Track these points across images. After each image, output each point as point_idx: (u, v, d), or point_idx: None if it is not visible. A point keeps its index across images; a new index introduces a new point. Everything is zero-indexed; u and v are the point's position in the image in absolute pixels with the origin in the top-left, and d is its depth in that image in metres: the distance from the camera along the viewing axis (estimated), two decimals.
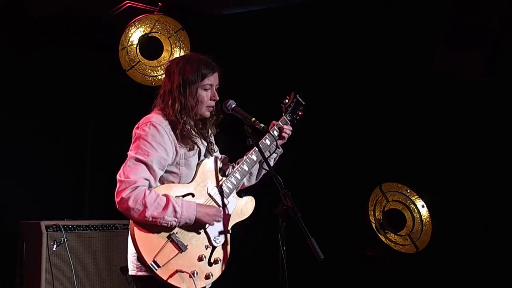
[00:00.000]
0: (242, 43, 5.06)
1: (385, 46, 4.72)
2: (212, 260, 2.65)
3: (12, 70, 4.76)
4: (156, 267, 2.45)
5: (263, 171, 3.07)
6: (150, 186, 2.55)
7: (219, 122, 2.89)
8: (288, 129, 3.05)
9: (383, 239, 4.76)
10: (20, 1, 4.71)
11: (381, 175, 4.81)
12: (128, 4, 4.94)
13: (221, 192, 2.75)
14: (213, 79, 2.75)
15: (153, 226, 2.50)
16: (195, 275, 2.54)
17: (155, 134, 2.58)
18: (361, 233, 4.86)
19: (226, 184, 2.77)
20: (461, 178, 4.41)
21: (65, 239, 4.10)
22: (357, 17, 4.77)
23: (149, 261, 2.45)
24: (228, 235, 2.75)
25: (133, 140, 2.63)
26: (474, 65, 4.21)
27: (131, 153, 2.57)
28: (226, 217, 2.76)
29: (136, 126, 2.66)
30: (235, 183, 2.81)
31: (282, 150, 3.04)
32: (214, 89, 2.77)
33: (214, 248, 2.67)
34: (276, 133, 3.00)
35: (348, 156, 4.92)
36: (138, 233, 2.49)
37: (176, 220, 2.50)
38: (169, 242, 2.53)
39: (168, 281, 2.47)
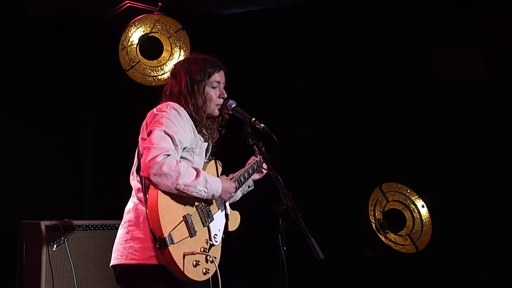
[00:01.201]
0: (242, 43, 5.06)
1: (385, 46, 4.72)
2: (208, 257, 2.62)
3: (12, 70, 4.76)
4: (170, 242, 2.38)
5: (247, 190, 3.12)
6: None
7: (224, 122, 2.90)
8: (265, 167, 3.06)
9: (383, 239, 4.76)
10: (20, 1, 4.71)
11: (381, 175, 4.81)
12: (128, 4, 4.94)
13: (218, 202, 2.79)
14: (219, 77, 2.78)
15: (175, 199, 2.48)
16: (198, 264, 2.50)
17: (176, 116, 2.59)
18: (361, 233, 4.87)
19: None
20: (461, 178, 4.42)
21: (65, 239, 4.10)
22: (357, 17, 4.77)
23: (166, 233, 2.38)
24: (221, 239, 2.76)
25: (150, 122, 2.58)
26: (474, 65, 4.22)
27: (156, 127, 2.51)
28: (223, 222, 2.80)
29: (154, 110, 2.63)
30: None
31: (253, 187, 3.12)
32: (222, 86, 2.80)
33: (211, 245, 2.67)
34: (255, 167, 3.06)
35: (348, 156, 4.92)
36: (162, 203, 2.42)
37: (206, 190, 2.51)
38: (183, 222, 2.50)
39: (177, 261, 2.40)
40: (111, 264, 2.61)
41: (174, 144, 2.50)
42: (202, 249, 2.56)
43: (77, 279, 4.13)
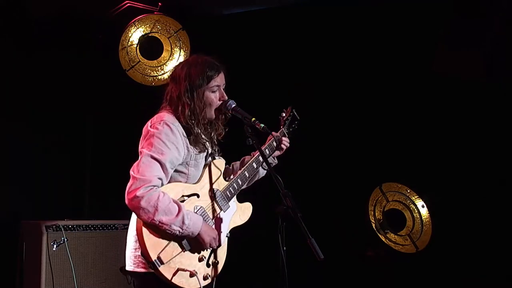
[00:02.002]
0: (242, 43, 5.06)
1: (385, 46, 4.71)
2: (210, 262, 2.67)
3: (12, 70, 4.75)
4: (160, 264, 2.45)
5: (256, 179, 3.09)
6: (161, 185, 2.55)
7: (227, 121, 2.89)
8: (286, 141, 3.09)
9: (383, 239, 4.76)
10: (20, 1, 4.71)
11: (381, 175, 4.80)
12: (128, 4, 4.94)
13: (224, 195, 2.79)
14: (219, 80, 2.76)
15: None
16: (195, 274, 2.55)
17: (168, 133, 2.58)
18: (361, 233, 4.86)
19: (228, 189, 2.81)
20: (461, 178, 4.41)
21: (65, 239, 4.10)
22: (357, 17, 4.77)
23: (153, 257, 2.45)
24: (226, 238, 2.78)
25: (145, 138, 2.61)
26: (474, 65, 4.21)
27: (145, 150, 2.54)
28: (226, 221, 2.79)
29: (148, 124, 2.64)
30: (236, 188, 2.84)
31: (277, 162, 3.08)
32: (222, 89, 2.78)
33: (212, 250, 2.69)
34: (274, 144, 3.04)
35: (348, 156, 4.92)
36: (146, 228, 2.48)
37: (180, 231, 2.50)
38: (173, 240, 2.53)
39: (169, 278, 2.48)
40: (127, 269, 2.65)
41: (162, 168, 2.52)
42: (199, 258, 2.61)
43: (77, 279, 4.13)
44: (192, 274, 2.54)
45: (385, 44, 4.71)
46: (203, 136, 2.74)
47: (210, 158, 2.83)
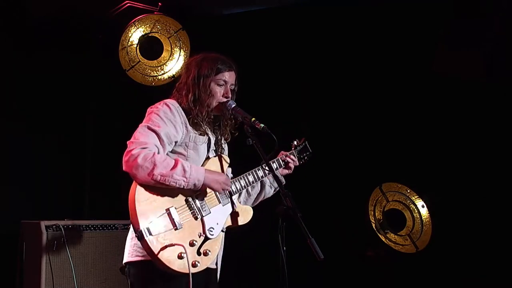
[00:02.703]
0: (242, 43, 5.05)
1: (385, 46, 4.71)
2: (201, 250, 2.60)
3: (12, 70, 4.76)
4: (148, 234, 2.42)
5: (262, 198, 3.09)
6: None
7: (237, 125, 2.91)
8: (294, 159, 3.10)
9: (383, 239, 4.76)
10: (20, 1, 4.71)
11: (381, 175, 4.80)
12: (128, 4, 4.94)
13: (218, 195, 2.77)
14: (228, 76, 2.82)
15: (155, 192, 2.51)
16: (183, 256, 2.48)
17: (167, 111, 2.66)
18: (361, 233, 4.86)
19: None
20: (461, 178, 4.41)
21: (65, 239, 4.10)
22: (357, 17, 4.77)
23: (142, 225, 2.42)
24: (222, 233, 2.75)
25: (145, 117, 2.69)
26: (474, 65, 4.21)
27: (142, 124, 2.62)
28: (224, 215, 2.77)
29: (150, 107, 2.74)
30: (238, 187, 2.84)
31: (284, 182, 3.02)
32: (228, 87, 2.83)
33: (206, 239, 2.65)
34: (282, 162, 3.06)
35: (348, 156, 4.92)
36: (139, 194, 2.47)
37: (185, 180, 2.51)
38: (166, 214, 2.52)
39: (156, 253, 2.42)
40: (124, 261, 2.66)
41: (158, 138, 2.57)
42: (190, 242, 2.55)
43: (77, 279, 4.12)
44: (180, 256, 2.47)
45: (385, 44, 4.70)
46: (203, 123, 2.77)
47: (213, 152, 2.83)
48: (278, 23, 4.99)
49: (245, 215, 2.89)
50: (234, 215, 2.83)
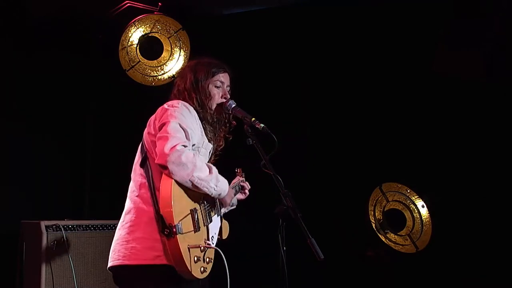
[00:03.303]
0: (242, 43, 5.06)
1: (385, 46, 4.71)
2: (205, 257, 2.62)
3: (12, 70, 4.76)
4: (179, 231, 2.38)
5: (230, 209, 3.06)
6: None
7: (232, 128, 2.93)
8: (248, 187, 3.08)
9: (383, 239, 4.76)
10: (20, 1, 4.71)
11: (381, 175, 4.80)
12: (128, 4, 4.94)
13: (217, 205, 2.80)
14: (223, 78, 2.84)
15: (187, 191, 2.51)
16: (198, 260, 2.49)
17: (187, 112, 2.65)
18: (361, 233, 4.86)
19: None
20: (461, 178, 4.41)
21: (65, 239, 4.10)
22: (357, 17, 4.77)
23: (176, 221, 2.38)
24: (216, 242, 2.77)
25: (161, 117, 2.60)
26: (474, 65, 4.21)
27: (170, 119, 2.53)
28: (220, 226, 2.82)
29: (165, 106, 2.66)
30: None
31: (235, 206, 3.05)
32: (225, 87, 2.85)
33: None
34: (237, 188, 3.03)
35: (348, 156, 4.92)
36: (176, 191, 2.44)
37: (215, 188, 2.54)
38: (190, 215, 2.51)
39: (183, 252, 2.39)
40: (110, 265, 2.59)
41: (187, 138, 2.53)
42: (201, 249, 2.55)
43: (77, 279, 4.13)
44: (197, 260, 2.47)
45: (385, 44, 4.70)
46: (210, 128, 2.79)
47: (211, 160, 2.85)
48: (278, 23, 4.99)
49: (226, 229, 2.92)
50: (221, 227, 2.86)
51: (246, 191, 3.08)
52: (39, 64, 4.93)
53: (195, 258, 2.47)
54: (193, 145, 2.61)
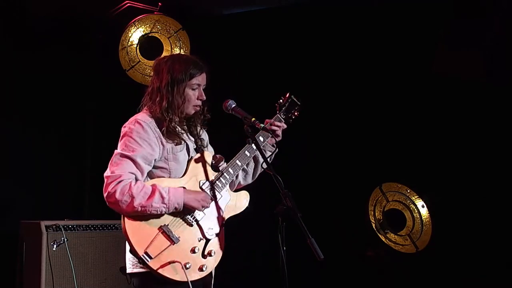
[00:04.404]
0: (242, 43, 5.06)
1: (385, 46, 4.72)
2: (206, 253, 2.64)
3: (12, 70, 4.76)
4: (148, 259, 2.46)
5: (260, 170, 3.06)
6: (137, 181, 2.57)
7: (206, 122, 2.91)
8: (278, 125, 2.98)
9: (383, 239, 4.76)
10: (20, 1, 4.71)
11: (381, 175, 4.81)
12: (128, 4, 4.94)
13: (213, 186, 2.75)
14: (201, 79, 2.79)
15: (143, 217, 2.53)
16: (188, 266, 2.54)
17: (139, 131, 2.64)
18: (361, 233, 4.86)
19: (219, 178, 2.77)
20: (462, 178, 4.42)
21: (65, 239, 4.10)
22: (357, 17, 4.77)
23: (140, 252, 2.46)
24: (222, 228, 2.76)
25: (120, 139, 2.70)
26: (474, 65, 4.21)
27: (116, 150, 2.64)
28: (219, 211, 2.77)
29: (124, 125, 2.72)
30: (228, 177, 2.81)
31: (277, 149, 2.99)
32: (202, 89, 2.81)
33: (208, 240, 2.67)
34: (268, 133, 2.96)
35: (348, 156, 4.92)
36: (129, 225, 2.51)
37: (165, 206, 2.52)
38: (160, 233, 2.54)
39: (160, 272, 2.48)
40: (127, 271, 2.66)
41: (135, 163, 2.56)
42: (191, 249, 2.60)
43: (77, 279, 4.13)
44: (182, 267, 2.53)
45: (385, 44, 4.71)
46: (178, 129, 2.76)
47: (194, 152, 2.81)
48: (278, 23, 4.99)
49: (242, 201, 2.88)
50: (230, 205, 2.83)
51: (278, 132, 2.96)
52: (39, 64, 4.93)
53: (186, 266, 2.54)
54: (154, 159, 2.64)
